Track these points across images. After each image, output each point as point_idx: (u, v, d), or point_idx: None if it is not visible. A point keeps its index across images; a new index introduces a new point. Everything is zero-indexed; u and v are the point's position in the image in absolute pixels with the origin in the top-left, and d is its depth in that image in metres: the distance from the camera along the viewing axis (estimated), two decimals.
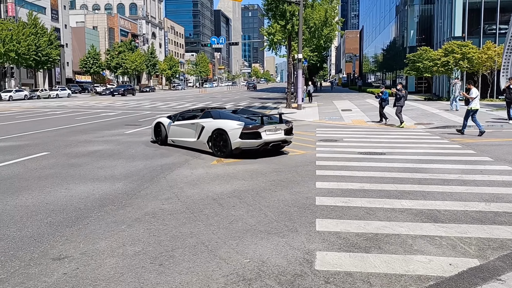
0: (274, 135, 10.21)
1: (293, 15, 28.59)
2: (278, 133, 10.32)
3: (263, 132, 9.97)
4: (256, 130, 9.91)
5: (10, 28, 48.90)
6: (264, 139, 9.96)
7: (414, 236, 4.99)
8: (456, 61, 29.74)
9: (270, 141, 10.15)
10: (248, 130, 9.85)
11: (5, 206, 6.31)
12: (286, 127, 10.54)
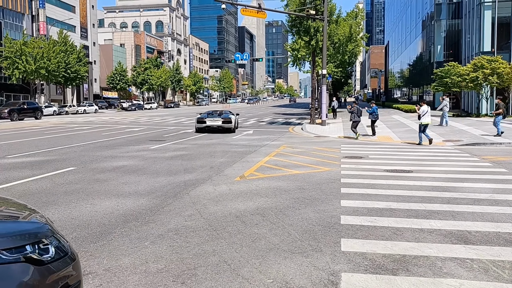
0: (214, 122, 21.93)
1: (317, 31, 28.65)
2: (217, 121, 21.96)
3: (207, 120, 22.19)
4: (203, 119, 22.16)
5: (41, 46, 50.58)
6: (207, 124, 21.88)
7: (444, 258, 4.80)
8: (486, 77, 29.12)
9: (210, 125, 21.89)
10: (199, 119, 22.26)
11: None
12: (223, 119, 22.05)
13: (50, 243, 2.53)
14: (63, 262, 2.52)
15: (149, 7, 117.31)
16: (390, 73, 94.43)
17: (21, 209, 2.93)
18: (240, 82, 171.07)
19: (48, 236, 2.55)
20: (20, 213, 2.84)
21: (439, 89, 35.30)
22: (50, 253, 2.48)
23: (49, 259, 2.43)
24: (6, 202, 3.05)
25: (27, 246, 2.37)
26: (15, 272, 2.20)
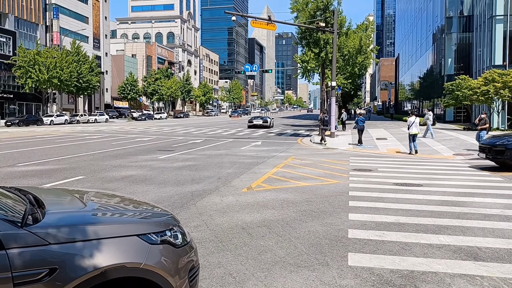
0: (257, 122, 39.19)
1: (327, 43, 28.71)
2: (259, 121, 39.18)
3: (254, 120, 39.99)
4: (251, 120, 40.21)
5: (54, 55, 51.34)
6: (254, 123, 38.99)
7: (453, 275, 4.70)
8: (497, 90, 28.90)
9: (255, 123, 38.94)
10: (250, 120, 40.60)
11: None
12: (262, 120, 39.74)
13: (177, 231, 3.08)
14: (188, 248, 3.08)
15: (160, 18, 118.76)
16: (400, 85, 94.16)
17: (149, 205, 3.54)
18: (249, 93, 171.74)
19: (176, 225, 3.12)
20: (150, 207, 3.44)
21: (450, 102, 35.08)
22: (179, 239, 3.03)
23: (179, 244, 2.99)
24: (135, 201, 3.71)
25: (167, 231, 2.95)
26: (162, 251, 2.77)
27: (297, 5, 30.73)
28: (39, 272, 2.29)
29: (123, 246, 2.60)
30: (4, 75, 53.36)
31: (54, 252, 2.37)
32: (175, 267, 2.80)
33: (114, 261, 2.49)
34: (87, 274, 2.37)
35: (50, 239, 2.39)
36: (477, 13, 42.22)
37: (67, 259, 2.37)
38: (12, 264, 2.25)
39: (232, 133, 32.57)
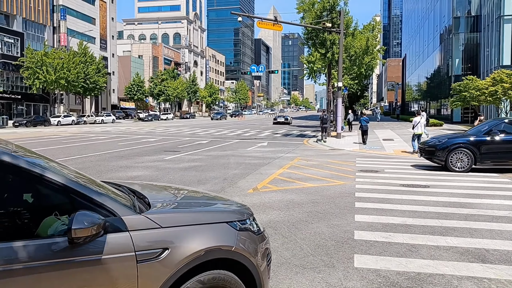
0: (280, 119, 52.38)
1: (333, 44, 28.65)
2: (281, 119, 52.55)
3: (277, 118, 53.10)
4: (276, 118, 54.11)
5: (61, 56, 51.66)
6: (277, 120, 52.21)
7: (460, 277, 4.66)
8: (505, 91, 28.68)
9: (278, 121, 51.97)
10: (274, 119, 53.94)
11: None
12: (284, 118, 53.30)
13: (253, 220, 3.37)
14: (263, 236, 3.35)
15: (167, 19, 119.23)
16: (407, 86, 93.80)
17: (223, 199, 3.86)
18: (255, 93, 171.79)
19: (252, 215, 3.40)
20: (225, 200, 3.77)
21: (457, 103, 34.88)
22: (255, 227, 3.30)
23: (257, 232, 3.27)
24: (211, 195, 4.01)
25: (247, 220, 3.25)
26: (246, 237, 3.09)
27: (303, 6, 30.70)
28: (155, 252, 2.60)
29: (217, 231, 2.95)
30: (12, 76, 53.84)
31: (165, 234, 2.70)
32: (256, 251, 3.12)
33: (212, 243, 2.83)
34: (192, 254, 2.71)
35: (161, 223, 2.72)
36: (485, 13, 41.95)
37: (175, 241, 2.70)
38: (135, 244, 2.55)
39: (238, 134, 32.59)
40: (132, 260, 2.51)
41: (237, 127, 42.81)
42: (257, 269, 3.05)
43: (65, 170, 2.73)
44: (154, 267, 2.58)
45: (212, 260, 2.82)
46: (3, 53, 51.80)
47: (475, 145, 12.60)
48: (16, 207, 2.71)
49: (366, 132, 22.77)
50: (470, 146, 12.61)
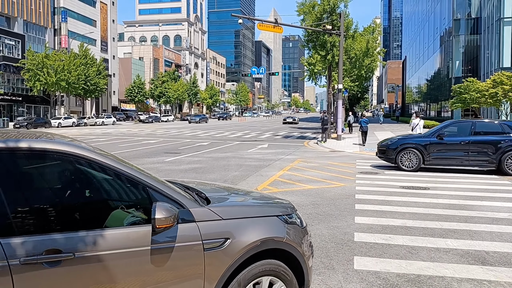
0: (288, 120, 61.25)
1: (334, 46, 28.68)
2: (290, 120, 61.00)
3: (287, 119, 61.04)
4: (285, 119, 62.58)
5: (62, 58, 51.74)
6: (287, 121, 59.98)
7: (460, 279, 4.66)
8: (505, 93, 28.69)
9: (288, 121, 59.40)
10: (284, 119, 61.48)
11: None
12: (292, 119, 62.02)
13: (297, 215, 3.58)
14: (306, 230, 3.56)
15: (168, 21, 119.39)
16: (407, 88, 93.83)
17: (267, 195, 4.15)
18: (256, 95, 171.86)
19: (295, 210, 3.63)
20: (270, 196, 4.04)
21: (458, 105, 34.89)
22: (298, 222, 3.51)
23: (300, 225, 3.49)
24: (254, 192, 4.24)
25: (292, 214, 3.47)
26: (294, 230, 3.32)
27: (303, 8, 30.75)
28: (218, 241, 2.83)
29: (270, 224, 3.18)
30: (13, 78, 53.93)
31: (226, 226, 2.93)
32: (301, 243, 3.34)
33: (267, 235, 3.07)
34: (250, 244, 2.94)
35: (222, 215, 2.95)
36: (485, 15, 41.99)
37: (235, 232, 2.92)
38: (202, 234, 2.79)
39: (239, 135, 32.60)
40: (199, 248, 2.75)
41: (237, 129, 42.83)
42: (304, 258, 3.29)
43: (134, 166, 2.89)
44: (218, 255, 2.81)
45: (265, 250, 3.04)
46: (4, 55, 51.88)
47: (423, 146, 13.26)
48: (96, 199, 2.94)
49: (366, 133, 23.14)
50: (419, 147, 13.28)
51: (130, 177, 2.70)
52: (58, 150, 2.53)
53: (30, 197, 2.57)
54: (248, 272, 2.94)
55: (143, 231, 2.58)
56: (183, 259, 2.69)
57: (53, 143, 2.56)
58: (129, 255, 2.51)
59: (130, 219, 2.66)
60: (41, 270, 2.26)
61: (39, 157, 2.55)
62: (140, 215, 2.70)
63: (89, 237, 2.42)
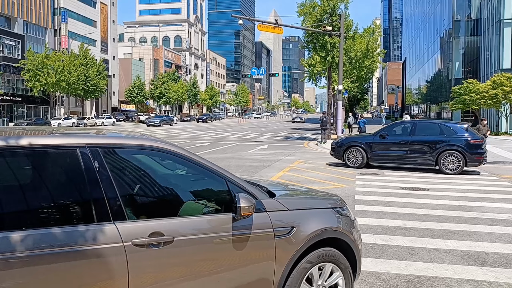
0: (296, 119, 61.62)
1: (334, 47, 28.69)
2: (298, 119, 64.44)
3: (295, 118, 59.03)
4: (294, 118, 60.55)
5: (62, 59, 51.73)
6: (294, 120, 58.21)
7: (460, 280, 4.66)
8: (505, 94, 28.71)
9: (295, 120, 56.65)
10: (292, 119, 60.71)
11: None
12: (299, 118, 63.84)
13: (346, 208, 3.84)
14: (355, 223, 3.84)
15: (168, 22, 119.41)
16: (407, 89, 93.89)
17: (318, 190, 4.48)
18: (256, 96, 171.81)
19: (345, 204, 3.88)
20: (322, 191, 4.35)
21: (458, 106, 34.89)
22: (349, 214, 3.81)
23: (351, 218, 3.79)
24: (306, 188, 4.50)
25: (344, 207, 3.79)
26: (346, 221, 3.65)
27: (304, 9, 30.75)
28: (286, 229, 3.14)
29: (327, 215, 3.51)
30: (13, 78, 53.93)
31: (292, 216, 3.25)
32: (353, 233, 3.64)
33: (326, 225, 3.40)
34: (312, 233, 3.26)
35: (288, 206, 3.27)
36: (485, 17, 42.03)
37: (298, 221, 3.25)
38: (272, 222, 3.09)
39: (239, 136, 32.61)
40: (271, 235, 3.06)
41: (237, 130, 42.83)
42: (356, 246, 3.62)
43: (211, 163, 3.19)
44: (286, 242, 3.12)
45: (324, 239, 3.37)
46: (4, 55, 51.88)
47: (367, 145, 14.07)
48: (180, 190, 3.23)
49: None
50: (363, 145, 14.10)
51: (214, 172, 3.06)
52: (156, 147, 2.90)
53: (134, 187, 2.94)
54: (311, 257, 3.25)
55: (226, 219, 2.90)
56: (258, 244, 3.01)
57: (153, 141, 2.94)
58: (215, 239, 2.83)
59: (205, 209, 2.99)
60: (148, 250, 2.56)
61: (141, 153, 2.98)
62: (214, 206, 3.05)
63: (185, 223, 2.79)
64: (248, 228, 2.96)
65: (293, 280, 3.16)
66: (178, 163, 3.07)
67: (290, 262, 3.13)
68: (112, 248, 2.45)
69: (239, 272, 2.94)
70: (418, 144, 13.42)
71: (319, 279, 3.33)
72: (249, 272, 2.98)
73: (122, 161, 2.90)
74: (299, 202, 3.53)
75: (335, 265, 3.40)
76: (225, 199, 3.03)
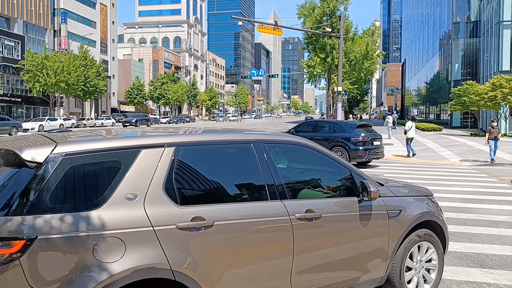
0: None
1: (333, 48, 28.73)
2: None
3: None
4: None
5: (62, 60, 51.70)
6: None
7: (459, 282, 4.66)
8: (504, 96, 28.73)
9: None
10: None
11: None
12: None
13: (434, 197, 4.48)
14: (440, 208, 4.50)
15: (167, 23, 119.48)
16: (406, 91, 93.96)
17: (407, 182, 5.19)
18: (255, 97, 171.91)
19: (432, 195, 4.46)
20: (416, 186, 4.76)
21: (457, 108, 34.92)
22: (437, 202, 4.47)
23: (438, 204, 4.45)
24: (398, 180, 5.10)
25: (433, 196, 4.45)
26: (437, 207, 4.36)
27: (303, 11, 30.83)
28: (396, 212, 3.82)
29: (424, 201, 4.19)
30: (12, 79, 53.89)
31: (399, 201, 3.93)
32: (443, 216, 4.35)
33: (424, 209, 4.08)
34: (416, 215, 3.94)
35: (395, 193, 3.96)
36: (484, 19, 42.10)
37: (404, 206, 3.93)
38: (386, 205, 3.76)
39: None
40: (385, 216, 3.74)
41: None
42: (445, 227, 4.28)
43: None
44: (396, 222, 3.78)
45: (421, 222, 3.99)
46: (3, 56, 51.85)
47: None
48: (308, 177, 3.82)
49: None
50: None
51: (342, 164, 3.75)
52: (300, 142, 3.66)
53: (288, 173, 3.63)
54: (413, 236, 3.92)
55: (352, 201, 3.59)
56: (377, 222, 3.67)
57: (295, 138, 3.74)
58: (349, 217, 3.54)
59: (322, 196, 3.63)
60: (305, 223, 3.26)
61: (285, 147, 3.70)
62: (331, 193, 3.71)
63: (327, 203, 3.52)
64: (370, 209, 3.64)
65: (399, 254, 3.83)
66: (311, 156, 3.71)
67: (399, 239, 3.81)
68: (282, 219, 3.15)
69: (365, 242, 3.61)
70: (317, 140, 14.15)
71: (418, 255, 4.02)
72: (371, 243, 3.65)
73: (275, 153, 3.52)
74: (403, 190, 4.18)
75: (430, 244, 4.08)
76: (347, 186, 3.73)
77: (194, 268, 2.69)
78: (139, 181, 2.70)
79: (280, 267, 3.13)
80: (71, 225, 2.42)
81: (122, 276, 2.45)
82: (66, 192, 2.52)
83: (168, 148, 2.88)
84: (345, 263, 3.50)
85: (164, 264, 2.58)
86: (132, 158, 2.74)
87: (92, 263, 2.41)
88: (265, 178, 3.20)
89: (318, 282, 3.36)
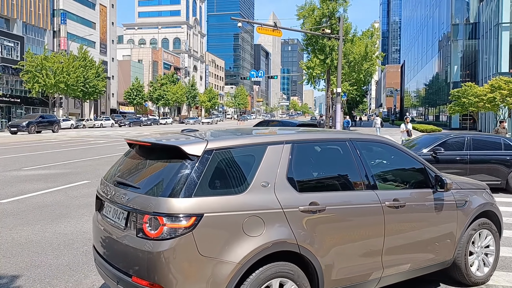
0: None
1: (333, 50, 28.78)
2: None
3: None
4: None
5: (61, 60, 51.69)
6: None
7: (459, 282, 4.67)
8: (503, 98, 28.79)
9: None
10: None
11: (44, 233, 6.46)
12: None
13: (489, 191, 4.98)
14: None
15: (167, 24, 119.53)
16: (406, 92, 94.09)
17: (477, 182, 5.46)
18: (255, 99, 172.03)
19: (488, 188, 4.97)
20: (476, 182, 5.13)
21: (456, 109, 34.99)
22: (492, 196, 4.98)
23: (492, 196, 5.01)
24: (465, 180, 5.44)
25: (487, 190, 4.94)
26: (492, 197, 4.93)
27: (303, 12, 30.87)
28: (462, 202, 4.42)
29: (483, 193, 4.78)
30: (11, 79, 53.86)
31: (464, 193, 4.51)
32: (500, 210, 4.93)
33: (485, 200, 4.68)
34: (478, 206, 4.55)
35: (461, 186, 4.55)
36: (483, 21, 42.20)
37: (468, 197, 4.51)
38: (454, 196, 4.35)
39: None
40: (454, 206, 4.33)
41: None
42: (501, 216, 4.85)
43: None
44: (462, 212, 4.39)
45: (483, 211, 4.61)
46: (3, 56, 51.82)
47: None
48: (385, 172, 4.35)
49: None
50: None
51: (417, 160, 4.29)
52: (383, 141, 4.27)
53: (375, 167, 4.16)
54: (474, 225, 4.49)
55: (428, 192, 4.17)
56: (448, 211, 4.25)
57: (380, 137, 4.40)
58: (427, 206, 4.13)
59: (403, 187, 4.23)
60: (392, 209, 3.81)
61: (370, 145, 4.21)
62: (409, 184, 4.27)
63: (408, 192, 4.13)
64: (442, 199, 4.21)
65: (464, 240, 4.38)
66: (392, 153, 4.28)
67: (465, 227, 4.37)
68: (376, 206, 3.71)
69: (439, 228, 4.18)
70: None
71: (479, 241, 4.59)
72: (444, 228, 4.22)
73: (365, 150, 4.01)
74: (466, 183, 4.70)
75: (488, 231, 4.63)
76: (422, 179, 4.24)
77: (312, 244, 3.26)
78: (269, 171, 3.28)
79: (374, 246, 3.67)
80: (227, 205, 3.02)
81: (265, 247, 3.03)
82: (220, 179, 3.12)
83: (286, 144, 3.47)
84: (424, 245, 4.06)
85: (292, 239, 3.16)
86: (262, 152, 3.34)
87: (243, 236, 3.00)
88: (359, 171, 3.79)
89: (402, 261, 3.90)
